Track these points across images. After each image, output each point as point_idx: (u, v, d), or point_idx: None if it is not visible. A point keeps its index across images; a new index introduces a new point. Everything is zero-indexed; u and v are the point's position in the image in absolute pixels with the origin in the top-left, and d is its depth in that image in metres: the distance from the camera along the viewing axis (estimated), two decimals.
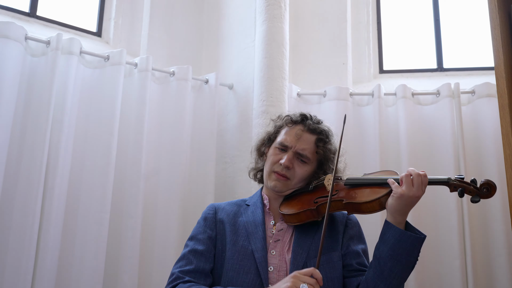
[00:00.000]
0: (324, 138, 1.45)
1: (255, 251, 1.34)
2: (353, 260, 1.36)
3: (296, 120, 1.47)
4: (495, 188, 1.25)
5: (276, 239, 1.37)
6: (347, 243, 1.38)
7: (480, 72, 3.07)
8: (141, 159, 2.41)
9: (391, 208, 1.25)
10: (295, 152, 1.41)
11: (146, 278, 2.38)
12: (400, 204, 1.23)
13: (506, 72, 1.63)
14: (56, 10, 2.91)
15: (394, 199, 1.24)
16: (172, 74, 2.67)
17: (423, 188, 1.25)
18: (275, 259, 1.34)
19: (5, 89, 2.16)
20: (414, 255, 1.24)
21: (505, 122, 1.61)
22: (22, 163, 2.18)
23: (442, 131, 2.63)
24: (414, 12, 3.46)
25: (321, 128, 1.46)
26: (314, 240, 1.35)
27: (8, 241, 2.08)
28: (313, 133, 1.44)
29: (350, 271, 1.34)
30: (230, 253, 1.36)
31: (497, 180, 2.51)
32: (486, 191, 1.25)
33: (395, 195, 1.23)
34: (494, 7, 1.68)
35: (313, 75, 3.05)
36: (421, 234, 1.25)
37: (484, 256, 2.51)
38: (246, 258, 1.34)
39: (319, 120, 1.51)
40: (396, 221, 1.25)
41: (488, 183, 1.25)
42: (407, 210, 1.25)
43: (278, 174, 1.41)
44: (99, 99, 2.43)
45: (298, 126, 1.46)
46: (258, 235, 1.37)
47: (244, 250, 1.35)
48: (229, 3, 3.06)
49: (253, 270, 1.31)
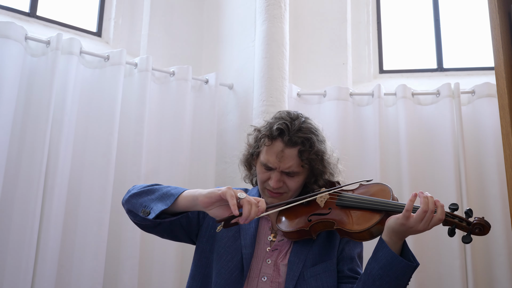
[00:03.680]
0: (306, 148, 1.32)
1: (244, 246, 1.33)
2: (346, 266, 1.33)
3: (273, 136, 1.33)
4: (488, 227, 1.18)
5: (274, 248, 1.34)
6: (343, 246, 1.35)
7: (480, 72, 3.07)
8: (141, 159, 2.41)
9: (389, 228, 1.18)
10: (281, 172, 1.33)
11: (146, 278, 2.38)
12: (400, 230, 1.17)
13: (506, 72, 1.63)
14: (56, 10, 2.91)
15: (396, 223, 1.17)
16: (172, 74, 2.67)
17: (429, 226, 1.16)
18: (269, 269, 1.31)
19: (5, 89, 2.16)
20: (404, 280, 1.18)
21: (505, 122, 1.61)
22: (22, 163, 2.18)
23: (442, 131, 2.63)
24: (414, 12, 3.46)
25: (302, 137, 1.32)
26: (312, 249, 1.32)
27: (8, 241, 2.09)
28: (295, 145, 1.31)
29: (341, 277, 1.32)
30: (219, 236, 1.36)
31: (497, 180, 2.51)
32: (479, 231, 1.18)
33: (399, 220, 1.16)
34: (494, 7, 1.68)
35: (313, 75, 3.05)
36: (414, 261, 1.18)
37: (484, 256, 2.51)
38: (233, 250, 1.33)
39: (301, 125, 1.34)
40: (392, 241, 1.18)
41: (480, 223, 1.18)
42: (406, 236, 1.19)
43: (271, 192, 1.35)
44: (99, 99, 2.43)
45: (277, 143, 1.32)
46: (250, 232, 1.35)
47: (234, 240, 1.34)
48: (229, 3, 3.06)
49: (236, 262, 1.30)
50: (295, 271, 1.28)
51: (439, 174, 2.60)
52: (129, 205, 1.31)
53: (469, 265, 2.42)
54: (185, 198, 1.22)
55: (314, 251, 1.32)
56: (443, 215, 1.17)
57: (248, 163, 1.47)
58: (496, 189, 2.51)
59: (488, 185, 2.55)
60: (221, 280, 1.30)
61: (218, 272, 1.31)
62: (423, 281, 2.48)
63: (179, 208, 1.23)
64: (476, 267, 2.46)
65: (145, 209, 1.24)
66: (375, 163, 2.60)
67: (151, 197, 1.27)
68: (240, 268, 1.31)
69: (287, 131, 1.32)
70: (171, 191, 1.25)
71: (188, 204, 1.21)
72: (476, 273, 2.46)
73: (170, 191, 1.25)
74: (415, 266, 1.18)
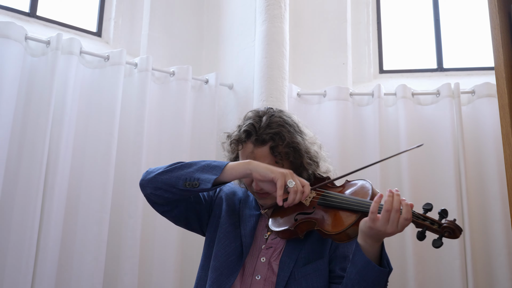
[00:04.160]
0: (277, 143, 1.29)
1: (243, 236, 1.33)
2: (338, 265, 1.28)
3: (241, 139, 1.32)
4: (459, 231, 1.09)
5: (268, 246, 1.33)
6: (337, 244, 1.30)
7: (480, 72, 3.07)
8: (141, 159, 2.41)
9: (361, 232, 1.13)
10: None
11: (146, 278, 2.38)
12: (371, 234, 1.11)
13: (506, 72, 1.63)
14: (56, 10, 2.91)
15: (365, 227, 1.11)
16: (172, 74, 2.67)
17: (399, 228, 1.09)
18: (263, 268, 1.29)
19: (5, 89, 2.17)
20: (381, 284, 1.14)
21: (505, 122, 1.61)
22: (22, 163, 2.18)
23: (442, 131, 2.63)
24: (414, 12, 3.46)
25: (271, 133, 1.29)
26: (304, 247, 1.29)
27: (8, 241, 2.09)
28: (264, 143, 1.29)
29: (333, 277, 1.28)
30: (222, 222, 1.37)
31: (497, 180, 2.51)
32: (448, 235, 1.09)
33: (367, 223, 1.10)
34: (494, 7, 1.68)
35: (313, 75, 3.05)
36: (388, 266, 1.14)
37: (484, 256, 2.51)
38: (233, 236, 1.33)
39: (269, 120, 1.32)
40: (367, 244, 1.13)
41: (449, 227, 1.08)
42: (380, 238, 1.12)
43: (259, 193, 1.33)
44: (99, 99, 2.43)
45: (247, 145, 1.31)
46: (250, 225, 1.36)
47: (234, 227, 1.35)
48: (229, 3, 3.06)
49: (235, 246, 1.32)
50: (285, 271, 1.26)
51: (439, 174, 2.60)
52: (157, 183, 1.29)
53: (469, 265, 2.42)
54: (234, 169, 1.25)
55: (306, 250, 1.29)
56: (408, 214, 1.08)
57: None
58: (496, 189, 2.51)
59: (488, 185, 2.55)
60: (216, 262, 1.30)
61: (215, 254, 1.32)
62: (423, 281, 2.48)
63: (226, 179, 1.26)
64: (476, 267, 2.46)
65: (190, 181, 1.25)
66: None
67: (191, 170, 1.27)
68: (238, 253, 1.30)
69: (254, 131, 1.30)
70: (212, 163, 1.28)
71: (238, 175, 1.25)
72: (476, 273, 2.46)
73: (210, 164, 1.28)
74: (388, 272, 1.13)
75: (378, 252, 1.15)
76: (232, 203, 1.43)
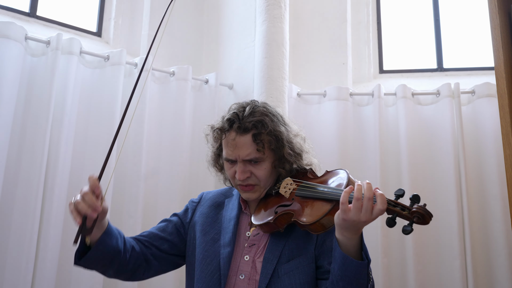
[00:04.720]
0: (259, 131, 1.28)
1: (222, 246, 1.31)
2: (325, 260, 1.24)
3: (225, 128, 1.32)
4: (429, 216, 1.06)
5: (251, 244, 1.31)
6: (324, 238, 1.27)
7: (480, 72, 3.07)
8: (141, 159, 2.41)
9: (337, 226, 1.11)
10: (243, 161, 1.30)
11: None
12: (346, 226, 1.09)
13: (506, 72, 1.63)
14: (56, 10, 2.91)
15: (339, 219, 1.09)
16: (172, 74, 2.67)
17: (373, 216, 1.07)
18: (247, 266, 1.27)
19: (5, 89, 2.16)
20: (363, 277, 1.11)
21: (505, 122, 1.61)
22: (22, 163, 2.18)
23: (442, 131, 2.63)
24: (414, 12, 3.46)
25: (253, 121, 1.28)
26: (288, 243, 1.27)
27: (8, 241, 2.09)
28: (247, 131, 1.28)
29: (322, 272, 1.25)
30: (199, 243, 1.36)
31: (497, 180, 2.51)
32: (417, 220, 1.06)
33: (340, 215, 1.08)
34: (494, 7, 1.68)
35: (313, 75, 3.05)
36: (367, 258, 1.12)
37: (484, 256, 2.51)
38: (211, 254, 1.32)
39: (252, 109, 1.32)
40: (345, 238, 1.10)
41: (419, 211, 1.06)
42: (357, 229, 1.09)
43: (242, 186, 1.32)
44: (99, 99, 2.43)
45: (230, 134, 1.31)
46: (229, 229, 1.34)
47: (212, 243, 1.34)
48: (229, 3, 3.06)
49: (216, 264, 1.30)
50: (268, 269, 1.24)
51: (439, 174, 2.60)
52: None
53: (469, 265, 2.42)
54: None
55: (290, 246, 1.27)
56: (383, 204, 1.06)
57: (216, 163, 1.46)
58: (496, 189, 2.51)
59: (488, 185, 2.55)
60: (202, 284, 1.28)
61: (199, 277, 1.30)
62: (423, 281, 2.48)
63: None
64: (476, 267, 2.46)
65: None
66: (375, 163, 2.60)
67: None
68: (219, 269, 1.28)
69: (237, 119, 1.30)
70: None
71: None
72: (476, 273, 2.46)
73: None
74: (366, 263, 1.11)
75: (358, 244, 1.13)
76: (210, 217, 1.42)
